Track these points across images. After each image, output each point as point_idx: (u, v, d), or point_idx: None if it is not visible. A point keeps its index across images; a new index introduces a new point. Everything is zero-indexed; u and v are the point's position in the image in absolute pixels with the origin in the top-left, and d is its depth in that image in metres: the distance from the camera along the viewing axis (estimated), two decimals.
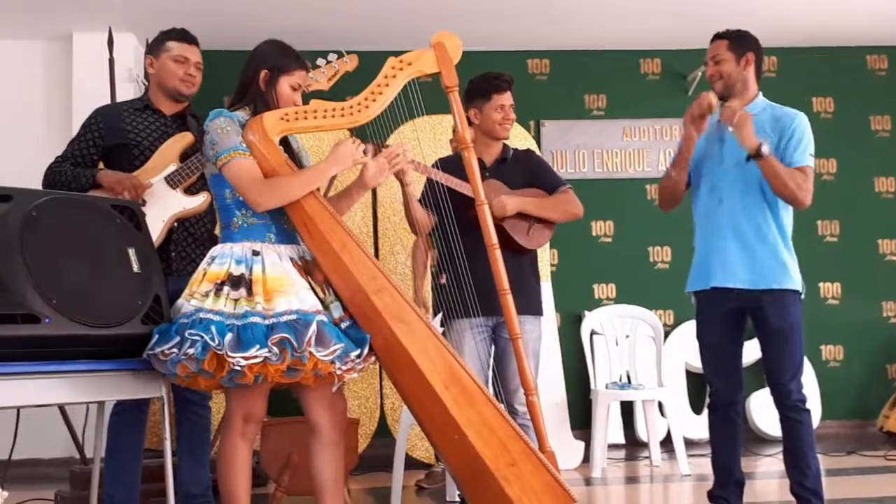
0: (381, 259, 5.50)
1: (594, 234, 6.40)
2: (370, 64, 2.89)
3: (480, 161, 3.74)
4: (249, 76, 2.89)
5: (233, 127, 2.76)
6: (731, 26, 3.55)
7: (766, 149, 3.26)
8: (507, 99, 3.72)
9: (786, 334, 3.33)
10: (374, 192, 5.56)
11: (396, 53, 2.89)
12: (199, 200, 3.40)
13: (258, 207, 2.75)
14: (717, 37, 3.54)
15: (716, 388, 3.49)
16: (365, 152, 2.91)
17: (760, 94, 3.51)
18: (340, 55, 2.83)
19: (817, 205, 6.27)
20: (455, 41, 2.92)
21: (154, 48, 3.57)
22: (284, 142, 2.93)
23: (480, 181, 2.98)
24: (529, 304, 3.60)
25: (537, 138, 6.26)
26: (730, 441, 3.47)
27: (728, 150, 3.42)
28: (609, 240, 6.42)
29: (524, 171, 3.75)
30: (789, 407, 3.33)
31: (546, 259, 5.69)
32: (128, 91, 5.50)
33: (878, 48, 6.58)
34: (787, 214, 3.44)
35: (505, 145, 3.81)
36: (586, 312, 5.79)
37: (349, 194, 2.99)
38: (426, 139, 3.86)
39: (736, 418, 3.48)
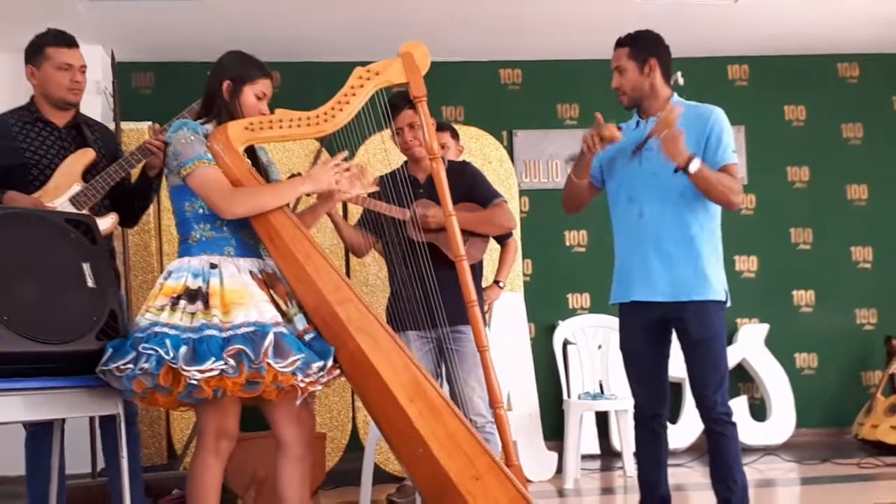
0: (352, 270, 5.45)
1: (568, 243, 6.37)
2: (340, 75, 2.85)
3: (414, 179, 3.76)
4: (213, 88, 2.87)
5: (196, 137, 2.74)
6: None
7: (696, 163, 3.08)
8: (401, 120, 3.63)
9: (708, 345, 3.20)
10: (344, 203, 5.51)
11: (366, 64, 2.85)
12: (108, 222, 3.29)
13: (226, 215, 2.71)
14: (618, 43, 3.32)
15: (639, 401, 3.38)
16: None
17: (675, 94, 3.33)
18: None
19: (790, 212, 6.45)
20: (422, 50, 2.88)
21: (32, 56, 3.36)
22: (252, 154, 2.90)
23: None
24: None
25: (510, 148, 6.24)
26: (653, 456, 3.37)
27: (646, 158, 3.25)
28: (583, 249, 6.39)
29: (459, 185, 3.63)
30: (714, 420, 3.20)
31: (519, 269, 5.66)
32: (95, 104, 5.42)
33: (849, 56, 6.60)
34: (710, 220, 3.27)
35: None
36: (560, 322, 5.76)
37: (314, 208, 3.01)
38: (394, 149, 3.84)
39: (660, 431, 3.36)
